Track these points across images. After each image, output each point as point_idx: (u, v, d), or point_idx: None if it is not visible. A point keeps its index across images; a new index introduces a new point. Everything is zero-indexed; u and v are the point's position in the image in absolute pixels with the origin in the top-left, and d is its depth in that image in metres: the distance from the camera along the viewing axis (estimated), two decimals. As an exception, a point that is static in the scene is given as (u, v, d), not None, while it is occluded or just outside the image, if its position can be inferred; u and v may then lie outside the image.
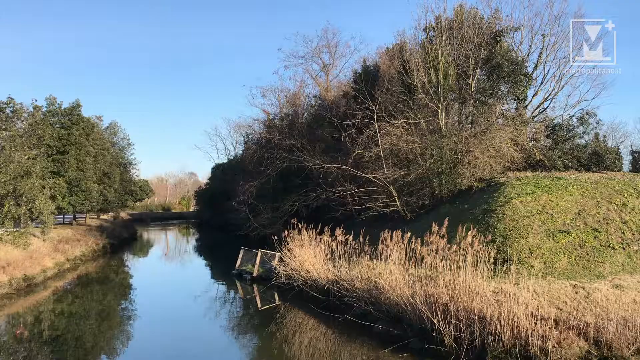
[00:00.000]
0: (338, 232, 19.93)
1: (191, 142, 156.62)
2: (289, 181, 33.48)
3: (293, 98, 38.54)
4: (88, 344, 15.67)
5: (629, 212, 17.98)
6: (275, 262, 23.24)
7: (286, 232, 22.51)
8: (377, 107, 25.80)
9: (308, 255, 21.00)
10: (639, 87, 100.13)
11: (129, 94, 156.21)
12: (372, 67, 31.19)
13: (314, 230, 22.16)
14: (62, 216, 43.41)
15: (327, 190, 28.15)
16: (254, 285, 24.09)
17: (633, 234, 17.12)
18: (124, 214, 69.79)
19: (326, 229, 21.54)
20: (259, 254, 25.22)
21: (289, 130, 34.80)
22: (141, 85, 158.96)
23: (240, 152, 58.02)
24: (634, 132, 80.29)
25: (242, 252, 27.11)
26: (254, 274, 24.80)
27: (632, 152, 55.34)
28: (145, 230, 69.97)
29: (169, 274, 32.90)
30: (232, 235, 40.70)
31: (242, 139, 58.71)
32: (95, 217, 55.04)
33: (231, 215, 39.61)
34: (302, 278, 20.39)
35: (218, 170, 67.36)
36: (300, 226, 22.38)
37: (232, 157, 67.71)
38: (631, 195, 18.78)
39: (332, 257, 20.23)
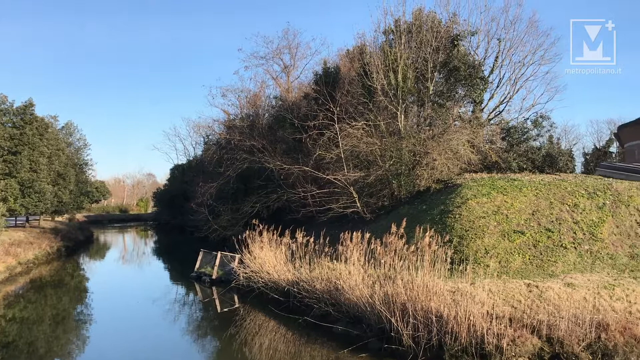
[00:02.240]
0: (299, 233, 19.94)
1: (150, 143, 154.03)
2: (249, 182, 33.30)
3: (254, 99, 38.35)
4: (41, 349, 15.25)
5: (580, 213, 18.59)
6: (235, 264, 23.08)
7: (247, 233, 22.38)
8: (338, 108, 25.95)
9: (268, 257, 20.93)
10: (590, 91, 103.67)
11: (85, 95, 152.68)
12: (332, 69, 31.33)
13: (275, 231, 22.10)
14: (14, 219, 42.03)
15: (288, 192, 28.16)
16: (214, 288, 23.86)
17: (584, 234, 17.71)
18: (79, 216, 68.16)
19: (287, 230, 21.52)
20: (219, 256, 25.00)
21: (250, 131, 34.61)
22: (98, 85, 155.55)
23: (200, 152, 57.47)
24: (586, 134, 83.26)
25: (201, 254, 26.81)
26: (214, 277, 24.57)
27: (584, 154, 57.28)
28: (102, 232, 68.44)
29: (127, 277, 32.28)
30: (191, 237, 40.25)
31: (202, 139, 58.16)
32: (50, 219, 53.51)
33: (190, 217, 39.14)
34: (263, 280, 20.32)
35: (177, 171, 66.47)
36: (260, 228, 22.27)
37: (191, 158, 66.94)
38: (582, 196, 19.41)
39: (293, 259, 20.22)
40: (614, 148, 54.30)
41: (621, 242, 17.52)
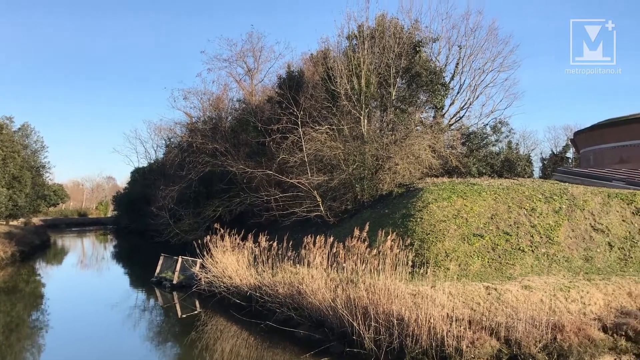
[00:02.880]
0: (262, 237, 19.84)
1: (110, 145, 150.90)
2: (211, 186, 33.00)
3: (216, 101, 38.10)
4: (-7, 359, 14.73)
5: (538, 217, 19.04)
6: (196, 268, 22.80)
7: (208, 238, 22.16)
8: (302, 112, 25.98)
9: (231, 262, 20.75)
10: (549, 97, 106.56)
11: (43, 97, 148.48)
12: (296, 73, 31.37)
13: (237, 235, 21.94)
14: (-35, 223, 40.58)
15: (251, 195, 28.02)
16: (174, 293, 23.51)
17: (541, 237, 18.14)
18: (36, 220, 66.23)
19: (250, 234, 21.40)
20: (179, 260, 24.66)
21: (212, 134, 34.33)
22: (56, 87, 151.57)
23: (162, 155, 56.61)
24: (544, 140, 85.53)
25: (161, 259, 26.38)
26: (174, 282, 24.21)
27: (542, 160, 58.73)
28: (59, 236, 66.63)
29: (85, 282, 31.49)
30: (152, 241, 39.55)
31: (164, 142, 57.33)
32: (4, 223, 51.81)
33: (151, 221, 38.51)
34: (224, 285, 20.13)
35: (138, 174, 65.31)
36: (223, 232, 22.08)
37: (153, 161, 65.85)
38: (540, 200, 19.89)
39: (256, 263, 20.10)
40: (570, 154, 55.93)
41: (576, 245, 18.03)
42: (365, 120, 26.11)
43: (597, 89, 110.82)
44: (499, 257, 17.21)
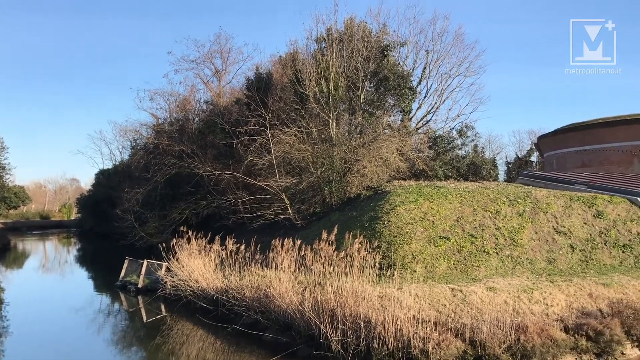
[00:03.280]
0: (229, 240, 19.66)
1: (74, 147, 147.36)
2: (178, 188, 32.59)
3: (183, 103, 37.67)
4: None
5: (502, 219, 19.36)
6: (162, 272, 22.46)
7: (175, 241, 21.86)
8: (270, 114, 25.88)
9: (197, 265, 20.50)
10: (514, 103, 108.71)
11: (2, 97, 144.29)
12: (265, 75, 31.26)
13: (204, 238, 21.70)
14: None
15: (218, 198, 27.77)
16: (139, 297, 23.10)
17: (505, 240, 18.45)
18: (-5, 223, 64.44)
19: (217, 237, 21.19)
20: (145, 264, 24.25)
21: (179, 135, 33.93)
22: (17, 87, 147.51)
23: (127, 157, 55.72)
24: (509, 144, 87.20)
25: (126, 262, 25.88)
26: (139, 285, 23.79)
27: (507, 163, 59.87)
28: (20, 240, 64.86)
29: (47, 286, 30.68)
30: (117, 244, 38.82)
31: (129, 143, 56.42)
32: (-39, 226, 50.27)
33: (116, 224, 37.81)
34: (191, 288, 19.88)
35: (103, 176, 64.12)
36: (189, 235, 21.82)
37: (118, 163, 64.77)
38: (504, 203, 20.23)
39: (222, 266, 19.91)
40: (534, 157, 57.15)
41: (539, 247, 18.39)
42: (334, 123, 26.17)
43: (562, 93, 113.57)
44: (465, 259, 17.43)
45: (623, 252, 18.55)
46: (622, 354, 12.67)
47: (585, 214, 20.05)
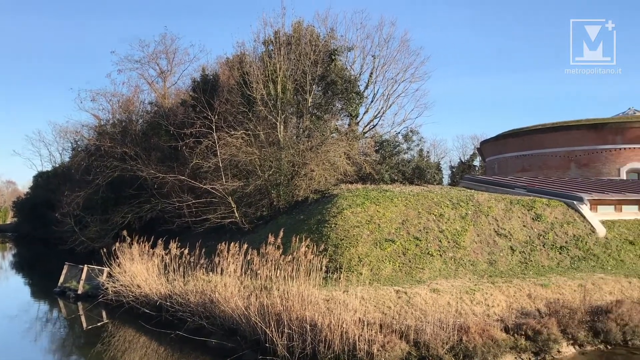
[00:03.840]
0: (173, 244, 19.26)
1: (9, 148, 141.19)
2: (120, 191, 31.75)
3: (127, 104, 36.74)
4: None
5: (445, 222, 19.77)
6: (103, 278, 21.79)
7: (117, 245, 21.26)
8: (216, 117, 25.55)
9: (140, 270, 19.99)
10: (457, 108, 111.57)
11: None
12: (211, 76, 30.87)
13: (147, 243, 21.19)
14: None
15: (163, 202, 27.21)
16: (79, 304, 22.31)
17: (448, 242, 18.84)
18: None
19: (160, 241, 20.73)
20: (85, 269, 23.45)
21: (122, 137, 33.06)
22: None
23: (68, 159, 53.90)
24: (453, 149, 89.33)
25: (65, 267, 24.95)
26: (79, 292, 22.98)
27: (451, 167, 61.30)
28: (-51, 245, 61.61)
29: (-22, 294, 29.22)
30: (55, 249, 37.45)
31: (70, 145, 54.62)
32: None
33: (55, 228, 36.48)
34: (133, 294, 19.36)
35: (41, 178, 61.84)
36: (132, 239, 21.27)
37: (57, 165, 62.57)
38: (447, 206, 20.66)
39: (166, 272, 19.48)
40: (477, 162, 58.82)
41: (481, 249, 18.87)
42: (282, 126, 26.09)
43: (503, 99, 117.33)
44: (409, 261, 17.68)
45: (560, 253, 19.28)
46: (559, 352, 13.15)
47: (525, 217, 20.72)
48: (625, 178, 36.02)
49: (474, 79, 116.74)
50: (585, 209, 21.47)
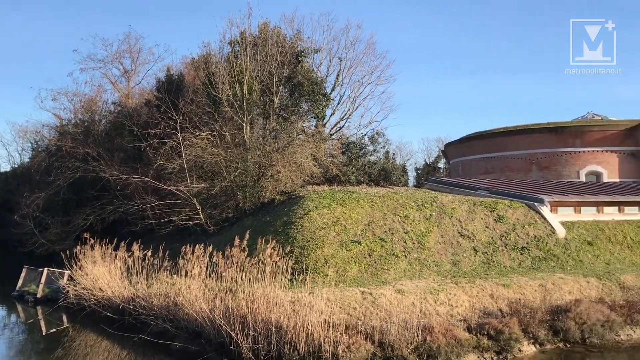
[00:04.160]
0: (136, 247, 18.95)
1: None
2: (82, 193, 31.11)
3: (89, 103, 36.00)
4: None
5: (410, 223, 19.96)
6: (64, 281, 21.27)
7: (78, 248, 20.79)
8: (181, 117, 25.27)
9: (102, 273, 19.60)
10: (422, 110, 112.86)
11: None
12: (176, 77, 30.54)
13: (110, 245, 20.81)
14: None
15: (126, 203, 26.75)
16: (39, 308, 21.74)
17: (413, 243, 19.03)
18: None
19: (123, 244, 20.38)
20: (45, 272, 22.85)
21: (84, 137, 32.40)
22: None
23: (28, 160, 52.45)
24: (418, 151, 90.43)
25: (24, 271, 24.26)
26: (39, 295, 22.39)
27: (416, 169, 61.95)
28: None
29: None
30: (15, 252, 36.41)
31: (30, 145, 53.15)
32: None
33: (14, 230, 35.44)
34: (95, 297, 18.97)
35: None
36: (94, 241, 20.84)
37: (17, 166, 60.75)
38: (412, 208, 20.87)
39: (130, 274, 19.15)
40: (442, 164, 59.66)
41: (445, 250, 19.13)
42: (248, 127, 25.96)
43: (468, 102, 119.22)
44: (375, 262, 17.80)
45: (521, 254, 19.69)
46: (520, 350, 13.43)
47: (487, 218, 21.09)
48: (584, 180, 37.05)
49: (438, 82, 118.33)
50: (545, 210, 21.97)
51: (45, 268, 23.13)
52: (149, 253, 18.57)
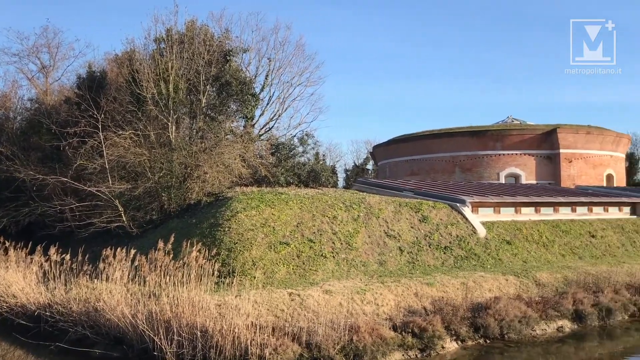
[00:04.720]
0: (53, 250, 18.02)
1: None
2: (-6, 194, 29.31)
3: (3, 99, 34.03)
4: None
5: (339, 224, 20.13)
6: (-28, 288, 19.92)
7: (-11, 252, 19.59)
8: (103, 115, 24.28)
9: (16, 278, 18.49)
10: (351, 113, 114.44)
11: None
12: (98, 73, 29.37)
13: (25, 249, 19.71)
14: None
15: (43, 205, 25.44)
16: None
17: (341, 244, 19.19)
18: None
19: (39, 247, 19.34)
20: (-49, 279, 21.33)
21: (-3, 136, 30.57)
22: None
23: None
24: (348, 153, 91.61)
25: None
26: (-56, 304, 20.85)
27: (346, 171, 62.74)
28: None
29: None
30: None
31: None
32: None
33: None
34: (7, 305, 17.84)
35: None
36: (7, 245, 19.71)
37: None
38: (341, 209, 21.05)
39: (46, 279, 18.18)
40: (370, 166, 60.73)
41: (372, 250, 19.42)
42: (173, 127, 25.30)
43: (396, 105, 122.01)
44: (303, 263, 17.80)
45: (444, 253, 20.30)
46: (443, 347, 13.80)
47: (412, 219, 21.60)
48: (503, 182, 38.80)
49: (367, 85, 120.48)
50: (467, 211, 22.78)
51: (-48, 275, 21.60)
52: (68, 257, 17.68)
